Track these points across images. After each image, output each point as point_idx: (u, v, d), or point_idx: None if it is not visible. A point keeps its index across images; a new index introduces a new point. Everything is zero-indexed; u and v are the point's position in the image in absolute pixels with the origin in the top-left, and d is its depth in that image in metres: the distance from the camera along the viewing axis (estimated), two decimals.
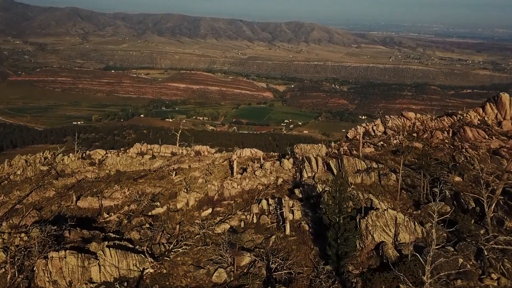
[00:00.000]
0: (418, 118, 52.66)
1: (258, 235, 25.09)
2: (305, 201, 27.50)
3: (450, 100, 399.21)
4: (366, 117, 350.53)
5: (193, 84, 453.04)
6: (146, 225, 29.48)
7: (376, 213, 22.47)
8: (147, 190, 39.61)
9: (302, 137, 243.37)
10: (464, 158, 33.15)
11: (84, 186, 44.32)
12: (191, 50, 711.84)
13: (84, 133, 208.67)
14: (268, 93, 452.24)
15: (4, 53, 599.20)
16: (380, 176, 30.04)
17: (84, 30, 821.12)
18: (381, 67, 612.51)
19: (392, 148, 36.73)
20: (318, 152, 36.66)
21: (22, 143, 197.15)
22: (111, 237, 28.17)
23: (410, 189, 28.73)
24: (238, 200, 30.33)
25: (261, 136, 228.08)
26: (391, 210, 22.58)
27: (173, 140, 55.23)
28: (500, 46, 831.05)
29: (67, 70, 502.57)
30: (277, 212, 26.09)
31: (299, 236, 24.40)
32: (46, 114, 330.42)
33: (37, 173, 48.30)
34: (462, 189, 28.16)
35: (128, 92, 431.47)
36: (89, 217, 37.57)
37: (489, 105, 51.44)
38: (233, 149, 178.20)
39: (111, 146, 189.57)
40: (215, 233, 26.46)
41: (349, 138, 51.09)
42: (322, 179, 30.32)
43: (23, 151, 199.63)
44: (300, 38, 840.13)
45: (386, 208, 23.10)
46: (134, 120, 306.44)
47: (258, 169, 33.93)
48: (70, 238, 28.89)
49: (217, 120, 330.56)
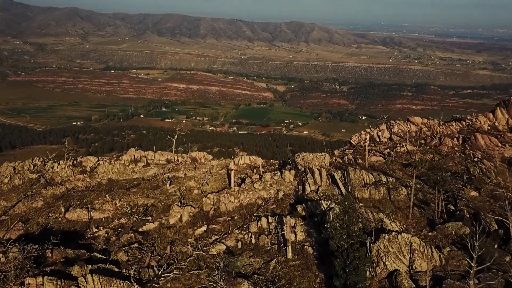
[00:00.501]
0: (425, 124, 50.28)
1: (256, 258, 22.75)
2: (309, 219, 25.15)
3: (450, 100, 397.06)
4: (366, 117, 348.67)
5: (193, 84, 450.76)
6: (135, 244, 27.11)
7: (388, 237, 20.12)
8: (139, 202, 37.28)
9: (302, 138, 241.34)
10: (480, 170, 30.77)
11: (74, 196, 41.98)
12: (191, 50, 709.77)
13: (83, 134, 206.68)
14: (268, 93, 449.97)
15: (4, 53, 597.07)
16: (390, 190, 27.70)
17: (84, 30, 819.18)
18: (381, 67, 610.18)
19: (404, 161, 34.23)
20: (322, 162, 34.31)
21: (21, 144, 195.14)
22: (96, 258, 25.83)
23: (422, 205, 26.38)
24: (235, 217, 27.98)
25: (261, 137, 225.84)
26: (405, 234, 20.22)
27: (171, 142, 52.75)
28: (500, 46, 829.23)
29: (67, 70, 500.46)
30: (278, 233, 23.72)
31: (302, 260, 22.05)
32: (46, 115, 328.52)
33: (25, 181, 45.97)
34: (479, 205, 25.81)
35: (128, 92, 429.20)
36: (77, 230, 35.31)
37: (499, 110, 49.02)
38: (233, 150, 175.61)
39: (110, 147, 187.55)
40: (209, 254, 24.11)
41: (353, 144, 48.73)
42: (327, 193, 27.97)
43: (22, 152, 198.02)
44: (300, 38, 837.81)
45: (400, 231, 20.73)
46: (134, 120, 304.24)
47: (257, 181, 31.55)
48: (52, 258, 26.56)
49: (217, 121, 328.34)
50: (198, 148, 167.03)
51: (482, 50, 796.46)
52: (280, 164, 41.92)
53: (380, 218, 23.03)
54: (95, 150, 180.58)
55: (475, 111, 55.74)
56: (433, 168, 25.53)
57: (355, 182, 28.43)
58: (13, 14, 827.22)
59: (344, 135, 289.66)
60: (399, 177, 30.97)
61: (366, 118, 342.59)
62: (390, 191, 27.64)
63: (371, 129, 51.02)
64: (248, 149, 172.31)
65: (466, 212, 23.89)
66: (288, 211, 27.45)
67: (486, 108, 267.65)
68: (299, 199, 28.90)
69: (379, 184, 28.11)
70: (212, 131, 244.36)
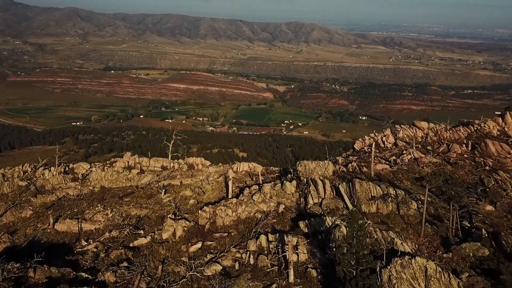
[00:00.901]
0: (431, 128, 48.31)
1: (255, 282, 20.80)
2: (312, 237, 23.19)
3: (450, 100, 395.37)
4: (366, 118, 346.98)
5: (193, 84, 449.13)
6: (125, 263, 25.16)
7: (401, 262, 18.17)
8: (132, 212, 35.34)
9: (302, 138, 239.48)
10: (495, 181, 28.79)
11: (65, 205, 40.03)
12: (191, 50, 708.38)
13: (82, 134, 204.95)
14: (268, 93, 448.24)
15: (4, 54, 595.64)
16: (399, 204, 25.73)
17: (84, 30, 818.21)
18: (381, 67, 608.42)
19: (414, 174, 32.21)
20: (325, 171, 32.36)
21: (20, 145, 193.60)
22: (82, 279, 23.88)
23: (434, 221, 24.40)
24: (233, 232, 26.02)
25: (261, 137, 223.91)
26: (420, 259, 18.25)
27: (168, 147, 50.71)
28: (500, 46, 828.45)
29: (67, 70, 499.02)
30: (279, 255, 21.75)
31: (305, 285, 20.09)
32: (45, 115, 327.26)
33: (14, 189, 44.01)
34: (496, 221, 23.85)
35: (128, 92, 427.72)
36: (66, 243, 33.40)
37: (509, 114, 47.10)
38: (233, 150, 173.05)
39: (109, 147, 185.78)
40: (204, 276, 22.16)
41: (357, 149, 46.76)
42: (331, 207, 26.01)
43: (21, 152, 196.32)
44: (300, 38, 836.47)
45: (414, 255, 18.76)
46: (134, 120, 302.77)
47: (256, 193, 29.59)
48: (35, 278, 24.61)
49: (217, 121, 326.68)
50: (198, 149, 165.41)
51: (482, 50, 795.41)
52: (281, 172, 40.00)
53: (391, 237, 21.07)
54: (94, 151, 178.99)
55: (482, 115, 53.69)
56: (447, 181, 23.58)
57: (361, 195, 26.47)
58: (13, 14, 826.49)
59: (344, 135, 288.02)
60: (407, 188, 29.00)
61: (366, 119, 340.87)
62: (399, 205, 25.68)
63: (375, 134, 48.98)
64: (248, 150, 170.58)
65: (484, 230, 21.93)
66: (289, 227, 25.50)
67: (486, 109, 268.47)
68: (301, 213, 26.94)
69: (387, 197, 26.14)
70: (212, 132, 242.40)
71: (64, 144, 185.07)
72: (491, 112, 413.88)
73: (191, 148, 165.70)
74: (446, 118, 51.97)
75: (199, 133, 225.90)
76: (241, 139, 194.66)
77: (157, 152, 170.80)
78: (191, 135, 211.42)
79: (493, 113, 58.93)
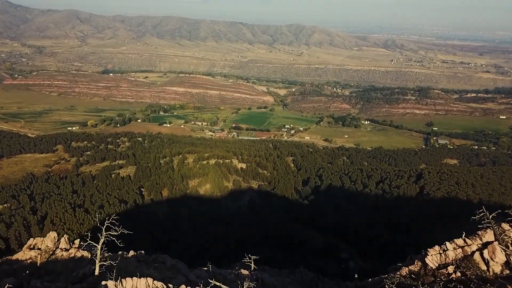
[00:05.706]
0: None
1: None
2: None
3: (454, 104, 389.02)
4: (369, 122, 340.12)
5: (192, 88, 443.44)
6: None
7: None
8: None
9: (304, 144, 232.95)
10: None
11: None
12: (190, 53, 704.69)
13: (76, 141, 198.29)
14: (268, 97, 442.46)
15: (1, 56, 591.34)
16: None
17: (83, 32, 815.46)
18: (383, 70, 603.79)
19: None
20: None
21: (10, 153, 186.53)
22: None
23: None
24: None
25: (262, 143, 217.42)
26: None
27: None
28: (502, 49, 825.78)
29: (64, 73, 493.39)
30: None
31: None
32: (41, 119, 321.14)
33: None
34: None
35: (126, 96, 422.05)
36: None
37: None
38: (231, 161, 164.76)
39: (102, 156, 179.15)
40: None
41: (430, 267, 23.57)
42: None
43: (10, 161, 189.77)
44: (301, 40, 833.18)
45: None
46: (131, 125, 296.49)
47: None
48: None
49: (216, 126, 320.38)
50: (194, 159, 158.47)
51: (484, 53, 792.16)
52: None
53: None
54: (86, 160, 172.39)
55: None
56: None
57: None
58: (12, 16, 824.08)
59: (347, 140, 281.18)
60: None
61: (369, 123, 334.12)
62: None
63: (464, 239, 24.11)
64: (248, 160, 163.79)
65: None
66: None
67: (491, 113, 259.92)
68: None
69: None
70: (210, 138, 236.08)
71: (56, 152, 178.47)
72: (496, 116, 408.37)
73: (186, 158, 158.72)
74: (451, 123, 43.08)
75: (197, 139, 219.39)
76: (240, 147, 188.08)
77: (150, 162, 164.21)
78: (188, 141, 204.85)
79: (498, 117, 49.47)
